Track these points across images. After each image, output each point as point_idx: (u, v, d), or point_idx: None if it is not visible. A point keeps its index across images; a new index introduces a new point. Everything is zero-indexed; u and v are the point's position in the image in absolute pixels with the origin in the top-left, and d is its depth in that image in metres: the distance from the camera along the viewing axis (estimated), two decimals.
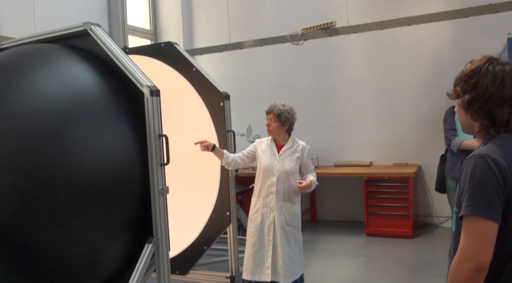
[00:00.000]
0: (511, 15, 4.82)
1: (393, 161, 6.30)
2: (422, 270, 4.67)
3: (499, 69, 1.54)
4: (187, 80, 3.95)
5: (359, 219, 6.42)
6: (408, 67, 6.21)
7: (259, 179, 3.56)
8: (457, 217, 1.54)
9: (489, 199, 1.41)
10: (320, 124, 6.70)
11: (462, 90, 1.60)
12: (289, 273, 3.51)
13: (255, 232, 3.51)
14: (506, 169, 1.43)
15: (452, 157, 4.29)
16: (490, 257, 1.39)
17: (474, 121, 1.59)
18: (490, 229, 1.40)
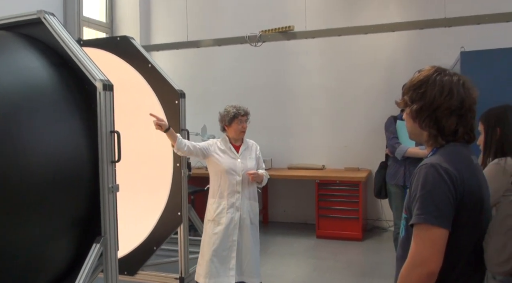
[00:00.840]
0: (464, 30, 5.02)
1: (345, 166, 6.43)
2: (371, 272, 4.78)
3: (447, 80, 1.57)
4: (142, 76, 3.85)
5: (310, 221, 6.51)
6: (363, 74, 6.36)
7: (221, 179, 3.54)
8: (406, 224, 1.57)
9: (440, 208, 1.44)
10: (275, 126, 6.74)
11: (411, 99, 1.62)
12: (254, 273, 3.53)
13: (218, 233, 3.47)
14: (457, 178, 1.46)
15: (395, 164, 4.38)
16: (440, 264, 1.43)
17: (422, 130, 1.62)
18: (440, 237, 1.44)
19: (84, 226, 2.60)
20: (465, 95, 1.57)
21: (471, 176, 1.52)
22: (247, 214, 3.53)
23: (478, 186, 1.54)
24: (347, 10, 6.33)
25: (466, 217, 1.48)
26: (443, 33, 5.43)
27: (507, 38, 4.94)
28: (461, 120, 1.57)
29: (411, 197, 1.53)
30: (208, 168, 3.66)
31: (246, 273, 3.47)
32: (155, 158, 3.97)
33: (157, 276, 3.90)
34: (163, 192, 3.91)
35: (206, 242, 3.52)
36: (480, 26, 4.41)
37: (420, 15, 5.46)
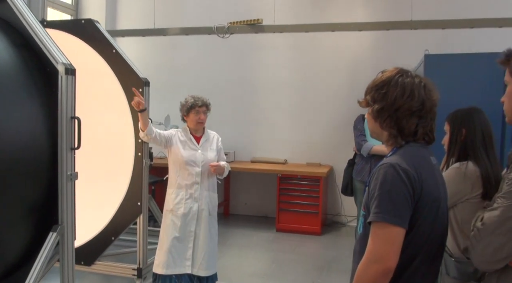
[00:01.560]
0: (429, 33, 5.14)
1: (307, 161, 6.49)
2: (328, 266, 4.87)
3: (409, 82, 1.59)
4: (106, 62, 3.75)
5: (270, 214, 6.55)
6: (328, 72, 6.42)
7: (180, 169, 3.51)
8: (364, 221, 1.59)
9: (398, 207, 1.47)
10: (239, 119, 6.74)
11: (372, 99, 1.64)
12: (209, 265, 3.53)
13: (177, 223, 3.46)
14: (415, 178, 1.49)
15: (361, 161, 4.50)
16: (397, 261, 1.46)
17: (383, 129, 1.64)
18: (397, 235, 1.46)
19: (41, 214, 2.52)
20: (426, 97, 1.60)
21: (429, 176, 1.56)
22: (205, 205, 3.51)
23: (435, 186, 1.58)
24: (316, 7, 6.37)
25: (423, 216, 1.51)
26: (408, 35, 5.55)
27: (469, 44, 5.11)
28: (421, 122, 1.60)
29: (369, 195, 1.55)
30: (168, 158, 3.62)
31: (200, 265, 3.46)
32: (116, 147, 3.89)
33: (114, 267, 3.84)
34: (123, 181, 3.84)
35: (164, 232, 3.50)
36: (444, 31, 4.53)
37: (387, 16, 5.55)
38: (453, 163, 2.38)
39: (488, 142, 2.35)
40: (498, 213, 1.45)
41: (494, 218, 1.45)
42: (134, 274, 3.78)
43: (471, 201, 2.24)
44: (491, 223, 1.46)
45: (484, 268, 1.52)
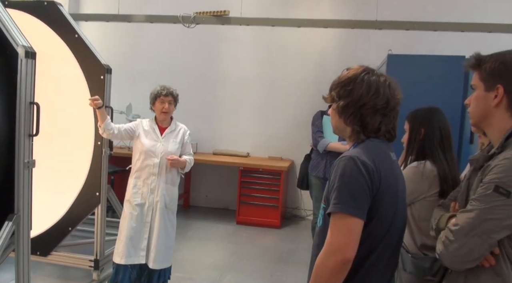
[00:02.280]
0: (393, 34, 5.24)
1: (269, 155, 6.54)
2: (287, 258, 4.94)
3: (374, 80, 1.62)
4: (67, 46, 3.62)
5: (231, 207, 6.57)
6: (293, 67, 6.46)
7: (140, 159, 3.47)
8: (324, 213, 1.61)
9: (357, 198, 1.49)
10: (203, 111, 6.68)
11: (338, 96, 1.66)
12: (161, 258, 3.49)
13: (133, 213, 3.43)
14: (374, 171, 1.52)
15: (317, 156, 4.55)
16: (355, 252, 1.48)
17: (347, 125, 1.66)
18: (356, 226, 1.49)
19: None
20: (390, 96, 1.63)
21: (389, 170, 1.59)
22: (161, 198, 3.46)
23: (395, 182, 1.62)
24: (283, 2, 6.38)
25: (381, 209, 1.54)
26: (373, 35, 5.65)
27: (432, 46, 5.25)
28: (385, 119, 1.63)
29: (329, 188, 1.57)
30: (133, 148, 3.57)
31: (152, 257, 3.43)
32: (75, 135, 3.77)
33: (71, 258, 3.74)
34: (82, 170, 3.73)
35: (123, 222, 3.47)
36: (408, 32, 4.64)
37: (353, 15, 5.62)
38: (411, 162, 2.42)
39: (446, 142, 2.41)
40: (473, 215, 1.48)
41: (469, 220, 1.48)
42: (91, 265, 3.69)
43: (428, 199, 2.30)
44: (466, 225, 1.49)
45: (456, 267, 1.56)
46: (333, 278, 1.51)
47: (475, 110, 1.66)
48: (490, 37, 4.49)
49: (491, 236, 1.45)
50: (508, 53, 1.60)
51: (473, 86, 1.68)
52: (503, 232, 1.46)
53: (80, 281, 3.89)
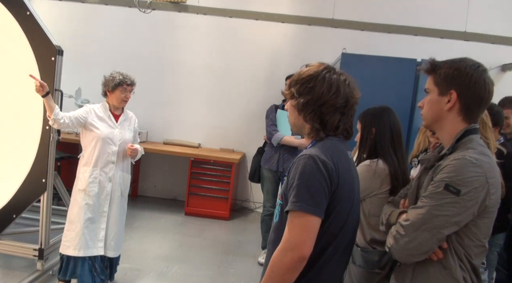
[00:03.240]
0: (348, 33, 5.36)
1: (221, 146, 6.53)
2: (235, 250, 4.97)
3: (335, 78, 1.65)
4: (18, 24, 3.44)
5: (180, 198, 6.53)
6: (248, 60, 6.44)
7: (96, 147, 3.38)
8: (281, 210, 1.64)
9: (315, 197, 1.51)
10: (154, 99, 6.54)
11: (298, 92, 1.67)
12: (118, 246, 3.50)
13: (90, 203, 3.34)
14: (333, 170, 1.55)
15: (270, 150, 4.60)
16: (311, 249, 1.51)
17: (306, 123, 1.68)
18: (313, 224, 1.51)
19: None
20: (349, 95, 1.66)
21: (346, 169, 1.63)
22: (118, 186, 3.46)
23: (351, 179, 1.66)
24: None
25: (338, 207, 1.58)
26: (328, 33, 5.74)
27: (385, 47, 5.39)
28: (343, 118, 1.67)
29: (288, 185, 1.59)
30: (83, 135, 3.45)
31: (109, 246, 3.41)
32: (22, 118, 3.61)
33: (14, 246, 3.59)
34: (28, 156, 3.58)
35: (76, 213, 3.35)
36: (363, 32, 4.75)
37: (310, 11, 5.68)
38: (364, 160, 2.50)
39: (397, 141, 2.49)
40: (424, 211, 1.56)
41: (420, 216, 1.56)
42: (35, 255, 3.56)
43: (379, 196, 2.37)
44: (417, 220, 1.56)
45: (405, 260, 1.63)
46: (288, 274, 1.53)
47: (428, 112, 1.74)
48: (442, 43, 4.69)
49: (440, 231, 1.54)
50: (462, 60, 1.69)
51: (427, 89, 1.75)
52: (451, 228, 1.55)
53: (23, 271, 3.73)
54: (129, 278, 3.94)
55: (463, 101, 1.64)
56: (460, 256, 1.59)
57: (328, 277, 1.63)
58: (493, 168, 1.59)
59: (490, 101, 1.68)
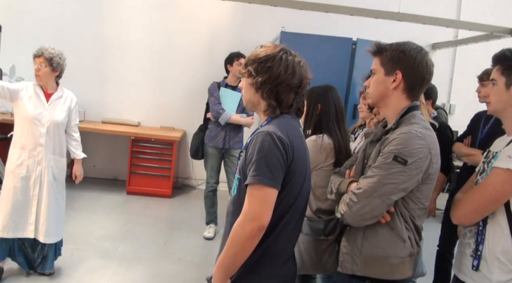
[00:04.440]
0: (286, 11, 5.44)
1: (161, 124, 6.50)
2: (179, 226, 5.05)
3: (291, 60, 1.76)
4: None
5: (121, 177, 6.47)
6: (188, 37, 6.40)
7: (24, 128, 3.25)
8: (239, 184, 1.74)
9: (273, 171, 1.62)
10: (91, 76, 6.36)
11: (256, 71, 1.76)
12: (53, 232, 3.41)
13: (17, 186, 3.25)
14: (288, 145, 1.66)
15: (216, 127, 4.65)
16: (269, 218, 1.63)
17: (263, 100, 1.78)
18: (272, 195, 1.63)
19: None
20: (303, 76, 1.78)
21: (299, 144, 1.75)
22: (49, 170, 3.32)
23: (304, 154, 1.79)
24: None
25: (292, 179, 1.70)
26: (267, 11, 5.78)
27: (323, 26, 5.57)
28: (297, 97, 1.79)
29: (247, 160, 1.68)
30: (15, 115, 3.31)
31: (42, 231, 3.33)
32: None
33: None
34: None
35: (5, 195, 3.27)
36: (302, 11, 4.86)
37: None
38: (309, 135, 2.65)
39: (340, 117, 2.66)
40: (375, 180, 1.71)
41: (371, 184, 1.72)
42: None
43: (324, 169, 2.54)
44: (369, 188, 1.72)
45: (357, 224, 1.79)
46: (249, 243, 1.63)
47: (374, 91, 1.90)
48: (376, 23, 4.92)
49: (389, 197, 1.71)
50: (406, 43, 1.86)
51: (373, 70, 1.91)
52: (399, 194, 1.73)
53: None
54: (75, 259, 3.90)
55: (407, 80, 1.81)
56: (406, 218, 1.78)
57: (283, 243, 1.76)
58: (435, 141, 1.77)
59: (431, 81, 1.86)
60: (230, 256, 1.66)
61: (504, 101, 1.86)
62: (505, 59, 1.86)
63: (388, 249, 1.78)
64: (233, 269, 1.68)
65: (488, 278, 1.79)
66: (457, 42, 5.69)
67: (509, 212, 1.77)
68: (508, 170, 1.71)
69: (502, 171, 1.72)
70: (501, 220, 1.78)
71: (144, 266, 3.96)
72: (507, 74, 1.83)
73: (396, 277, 1.80)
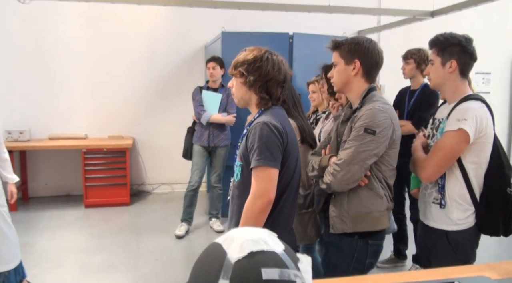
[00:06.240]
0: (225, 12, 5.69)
1: (108, 134, 6.52)
2: (146, 230, 5.17)
3: (276, 59, 2.07)
4: None
5: (74, 192, 6.43)
6: (127, 44, 6.47)
7: None
8: (242, 169, 2.02)
9: (273, 153, 1.92)
10: (33, 93, 6.23)
11: (246, 71, 2.04)
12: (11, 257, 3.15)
13: None
14: (282, 132, 1.97)
15: (200, 128, 4.95)
16: (275, 194, 1.93)
17: (256, 95, 2.07)
18: (275, 174, 1.93)
19: None
20: (287, 72, 2.11)
21: (290, 130, 2.06)
22: None
23: (294, 137, 2.10)
24: None
25: (288, 159, 2.00)
26: (206, 12, 6.01)
27: (261, 24, 5.88)
28: (283, 90, 2.11)
29: (248, 148, 1.97)
30: None
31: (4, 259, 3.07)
32: None
33: None
34: None
35: None
36: (240, 11, 5.14)
37: None
38: None
39: (298, 105, 3.03)
40: (352, 150, 2.06)
41: (350, 154, 2.06)
42: None
43: None
44: (348, 157, 2.06)
45: (343, 188, 2.12)
46: (261, 216, 1.93)
47: (338, 80, 2.27)
48: (309, 16, 5.32)
49: (365, 162, 2.07)
50: (357, 37, 2.27)
51: (334, 62, 2.27)
52: (372, 159, 2.09)
53: None
54: (56, 275, 3.94)
55: (364, 67, 2.18)
56: (380, 179, 2.16)
57: (286, 215, 2.07)
58: (394, 113, 2.16)
59: (382, 64, 2.24)
60: None
61: (441, 76, 2.29)
62: (439, 43, 2.28)
63: (370, 205, 2.14)
64: None
65: (449, 217, 2.22)
66: (381, 28, 6.26)
67: (461, 165, 2.20)
68: (459, 130, 2.12)
69: (455, 133, 2.14)
70: (456, 171, 2.21)
71: (124, 271, 4.08)
72: (442, 54, 2.26)
73: (379, 227, 2.18)
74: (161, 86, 6.60)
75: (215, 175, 5.11)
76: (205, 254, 0.81)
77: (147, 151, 6.70)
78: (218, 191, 5.18)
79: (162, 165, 6.73)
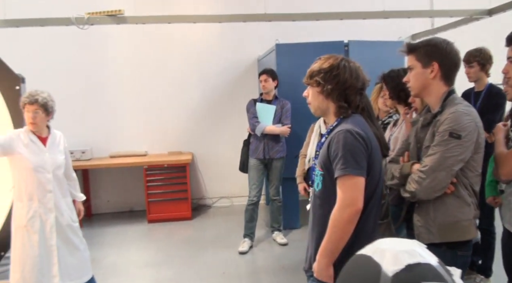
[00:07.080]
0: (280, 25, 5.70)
1: (167, 150, 6.64)
2: (209, 245, 5.18)
3: (353, 66, 2.01)
4: None
5: (136, 208, 6.57)
6: (180, 60, 6.58)
7: (27, 178, 3.09)
8: (324, 179, 1.97)
9: (359, 161, 1.87)
10: (92, 114, 6.47)
11: (323, 80, 2.00)
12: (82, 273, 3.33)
13: (35, 240, 3.10)
14: (365, 139, 1.91)
15: (255, 140, 4.93)
16: (362, 202, 1.87)
17: (334, 103, 2.02)
18: (361, 183, 1.88)
19: None
20: (364, 79, 2.04)
21: (372, 137, 1.99)
22: (63, 214, 3.20)
23: (376, 144, 2.02)
24: None
25: (373, 166, 1.94)
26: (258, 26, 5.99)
27: (314, 34, 5.84)
28: (361, 98, 2.05)
29: (331, 157, 1.92)
30: (12, 166, 3.13)
31: (73, 275, 3.24)
32: None
33: None
34: None
35: (20, 253, 3.10)
36: (295, 23, 5.13)
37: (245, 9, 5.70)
38: None
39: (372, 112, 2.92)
40: (438, 156, 1.98)
41: (435, 160, 1.98)
42: None
43: None
44: (434, 164, 1.99)
45: (429, 196, 2.04)
46: (349, 226, 1.88)
47: (415, 84, 2.18)
48: (364, 23, 5.23)
49: (452, 168, 1.98)
50: (435, 38, 2.18)
51: (411, 66, 2.19)
52: (459, 164, 2.00)
53: None
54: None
55: (443, 68, 2.09)
56: (466, 185, 2.05)
57: (372, 224, 2.00)
58: (477, 115, 2.06)
59: (460, 65, 2.15)
60: (333, 241, 1.89)
61: None
62: None
63: (458, 214, 2.04)
64: (336, 253, 1.90)
65: None
66: (436, 30, 6.07)
67: None
68: None
69: None
70: None
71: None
72: None
73: (468, 237, 2.07)
74: (216, 100, 6.68)
75: (273, 188, 5.07)
76: (353, 267, 0.78)
77: (205, 166, 6.77)
78: (278, 204, 5.14)
79: (220, 178, 6.77)
